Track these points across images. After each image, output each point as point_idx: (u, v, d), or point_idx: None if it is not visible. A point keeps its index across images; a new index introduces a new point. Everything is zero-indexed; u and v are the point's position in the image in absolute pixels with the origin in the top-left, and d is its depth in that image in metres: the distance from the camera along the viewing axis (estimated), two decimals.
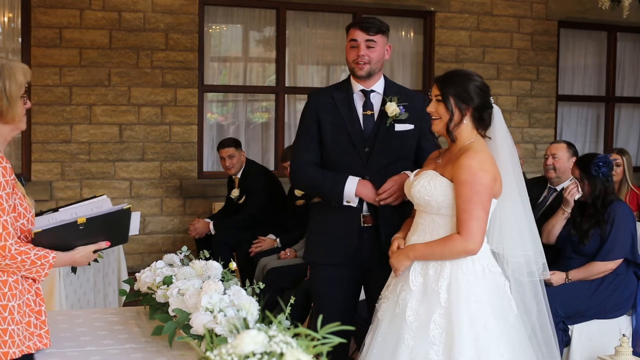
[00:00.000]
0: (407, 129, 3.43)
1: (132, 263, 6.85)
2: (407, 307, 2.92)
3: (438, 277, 2.90)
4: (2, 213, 2.38)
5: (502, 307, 2.93)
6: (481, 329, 2.83)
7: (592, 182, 4.28)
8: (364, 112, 3.46)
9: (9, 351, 2.40)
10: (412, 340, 2.87)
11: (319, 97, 3.56)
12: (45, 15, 6.78)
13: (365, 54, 3.41)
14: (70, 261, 2.59)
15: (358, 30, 3.43)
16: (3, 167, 2.41)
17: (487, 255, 2.96)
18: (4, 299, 2.41)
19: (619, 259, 4.25)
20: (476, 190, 2.85)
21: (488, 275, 2.92)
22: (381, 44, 3.44)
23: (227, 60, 7.81)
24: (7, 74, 2.49)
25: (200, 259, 2.91)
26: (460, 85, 2.95)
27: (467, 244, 2.85)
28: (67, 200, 6.55)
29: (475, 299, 2.86)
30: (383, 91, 3.49)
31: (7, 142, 2.60)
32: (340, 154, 3.46)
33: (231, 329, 2.14)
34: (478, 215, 2.85)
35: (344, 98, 3.49)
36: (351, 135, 3.43)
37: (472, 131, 2.98)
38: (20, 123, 2.56)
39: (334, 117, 3.47)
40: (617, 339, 3.95)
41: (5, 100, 2.48)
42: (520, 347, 2.92)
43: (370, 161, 3.41)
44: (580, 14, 8.38)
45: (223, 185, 6.76)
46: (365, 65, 3.42)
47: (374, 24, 3.44)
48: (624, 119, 9.06)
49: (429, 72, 7.93)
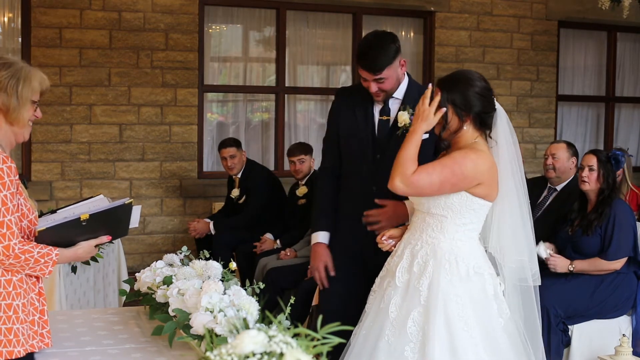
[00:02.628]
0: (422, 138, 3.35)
1: (132, 263, 6.85)
2: (390, 302, 2.92)
3: (420, 276, 2.89)
4: (6, 213, 2.38)
5: (488, 309, 2.89)
6: (459, 331, 2.80)
7: (606, 172, 4.32)
8: (381, 117, 3.37)
9: (13, 350, 2.41)
10: (392, 335, 2.88)
11: (342, 98, 3.50)
12: (45, 15, 6.78)
13: (376, 90, 3.29)
14: (74, 257, 2.60)
15: (364, 71, 3.26)
16: (8, 167, 2.41)
17: (475, 257, 2.92)
18: (9, 297, 2.42)
19: (624, 257, 4.26)
20: (452, 168, 2.83)
21: (472, 277, 2.88)
22: (392, 72, 3.28)
23: (227, 60, 7.81)
24: (24, 76, 2.52)
25: (200, 259, 2.91)
26: (459, 93, 2.91)
27: (403, 179, 2.84)
28: (67, 200, 6.55)
29: (456, 299, 2.83)
30: (403, 96, 3.37)
31: (12, 147, 2.61)
32: (351, 159, 3.41)
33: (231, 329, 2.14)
34: (432, 173, 2.83)
35: (363, 101, 3.39)
36: (362, 140, 3.36)
37: (473, 133, 2.97)
38: (23, 128, 2.57)
39: (351, 121, 3.40)
40: (617, 339, 3.96)
41: (15, 99, 2.49)
42: (508, 351, 2.87)
43: (380, 169, 3.28)
44: (580, 14, 8.38)
45: (223, 185, 6.76)
46: (380, 94, 3.32)
47: (378, 62, 3.23)
48: (624, 119, 9.06)
49: (429, 72, 7.93)
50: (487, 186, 2.89)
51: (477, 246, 2.97)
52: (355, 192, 3.40)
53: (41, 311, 2.53)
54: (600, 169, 4.34)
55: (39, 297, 2.54)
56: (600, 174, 4.33)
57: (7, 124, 2.53)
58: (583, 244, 4.32)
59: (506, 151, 3.00)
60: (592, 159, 4.38)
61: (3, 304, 2.41)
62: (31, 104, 2.55)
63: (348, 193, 3.45)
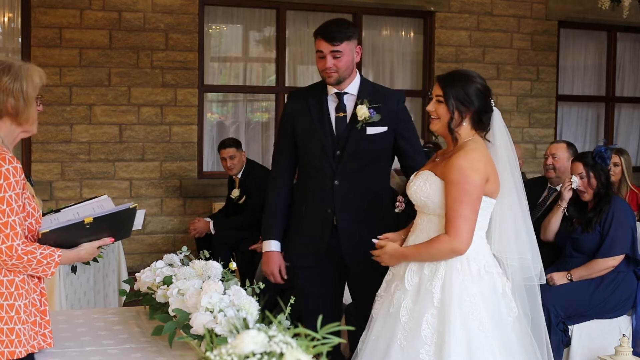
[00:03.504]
0: (380, 131, 3.36)
1: (132, 263, 6.85)
2: (401, 306, 2.91)
3: (432, 277, 2.89)
4: (11, 213, 2.39)
5: (499, 308, 2.90)
6: (475, 330, 2.81)
7: (597, 173, 4.31)
8: (337, 114, 3.41)
9: (15, 350, 2.41)
10: (404, 339, 2.87)
11: (294, 102, 3.54)
12: (45, 15, 6.78)
13: (332, 65, 3.34)
14: (76, 258, 2.62)
15: (323, 42, 3.33)
16: (14, 167, 2.42)
17: (484, 255, 2.93)
18: (11, 298, 2.43)
19: (620, 254, 4.25)
20: (465, 189, 2.83)
21: (484, 276, 2.89)
22: (348, 50, 3.34)
23: (227, 60, 7.81)
24: (25, 75, 2.51)
25: (200, 259, 2.91)
26: (462, 88, 2.92)
27: (454, 243, 2.83)
28: (67, 200, 6.55)
29: (470, 299, 2.83)
30: (357, 92, 3.42)
31: (16, 142, 2.62)
32: (311, 158, 3.44)
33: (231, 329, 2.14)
34: (466, 215, 2.82)
35: (317, 101, 3.45)
36: (321, 138, 3.39)
37: (469, 132, 2.97)
38: (32, 125, 2.58)
39: (307, 120, 3.44)
40: (617, 339, 3.95)
41: (22, 101, 2.50)
42: (519, 349, 2.88)
43: (340, 165, 3.36)
44: (580, 14, 8.38)
45: (223, 185, 6.76)
46: (333, 74, 3.36)
47: (339, 32, 3.32)
48: (624, 119, 9.06)
49: (429, 72, 7.93)
50: (491, 181, 2.91)
51: (485, 245, 2.97)
52: (318, 188, 3.43)
53: (43, 312, 2.54)
54: (589, 172, 4.34)
55: (41, 298, 2.55)
56: (591, 177, 4.33)
57: (14, 124, 2.54)
58: (583, 241, 4.33)
59: (504, 151, 3.01)
60: (579, 167, 4.39)
61: (5, 304, 2.41)
62: (35, 101, 2.57)
63: (310, 191, 3.47)
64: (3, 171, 2.39)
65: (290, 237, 3.54)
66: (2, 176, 2.39)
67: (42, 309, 2.54)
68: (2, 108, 2.48)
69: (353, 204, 3.38)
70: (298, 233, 3.49)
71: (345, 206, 3.37)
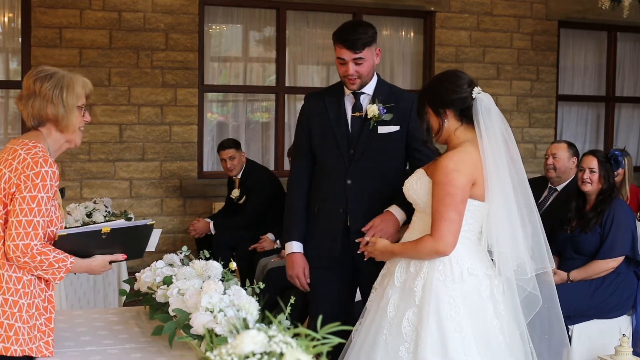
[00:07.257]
0: (392, 130, 3.37)
1: (132, 263, 6.83)
2: (389, 301, 2.93)
3: (416, 276, 2.90)
4: (38, 214, 2.43)
5: (483, 311, 2.87)
6: (452, 332, 2.79)
7: (606, 173, 4.35)
8: (353, 113, 3.42)
9: (10, 347, 2.41)
10: (389, 334, 2.88)
11: (311, 103, 3.55)
12: (45, 15, 6.78)
13: (354, 72, 3.34)
14: (87, 268, 2.62)
15: (344, 49, 3.32)
16: (52, 172, 2.48)
17: (470, 257, 2.90)
18: (16, 295, 2.45)
19: (620, 256, 4.26)
20: (448, 191, 2.82)
21: (467, 279, 2.86)
22: (369, 56, 3.36)
23: (227, 60, 7.81)
24: (66, 83, 2.59)
25: (200, 259, 2.91)
26: (431, 91, 2.98)
27: (437, 245, 2.83)
28: (67, 200, 6.54)
29: (449, 300, 2.82)
30: (373, 92, 3.43)
31: (61, 151, 2.68)
32: (326, 157, 3.45)
33: (231, 329, 2.14)
34: (449, 217, 2.82)
35: (335, 101, 3.46)
36: (337, 137, 3.40)
37: (464, 132, 2.95)
38: (74, 134, 2.64)
39: (323, 120, 3.45)
40: (617, 339, 3.96)
41: (62, 108, 2.57)
42: (504, 353, 2.85)
43: (353, 164, 3.37)
44: (580, 14, 8.38)
45: (223, 185, 6.76)
46: (356, 80, 3.37)
47: (359, 40, 3.31)
48: (624, 119, 9.06)
49: (429, 72, 7.92)
50: (480, 185, 2.88)
51: (474, 247, 2.94)
52: (331, 187, 3.43)
53: (47, 319, 2.54)
54: (601, 170, 4.35)
55: (47, 305, 2.55)
56: (601, 175, 4.34)
57: (57, 132, 2.61)
58: (582, 242, 4.33)
59: (488, 145, 2.90)
60: (593, 161, 4.39)
61: (10, 299, 2.43)
62: (78, 110, 2.62)
63: (323, 190, 3.47)
64: (42, 172, 2.45)
65: (305, 237, 3.54)
66: (40, 176, 2.45)
67: (46, 316, 2.54)
68: (42, 114, 2.57)
69: (365, 203, 3.37)
70: (312, 233, 3.48)
71: (357, 206, 3.37)
